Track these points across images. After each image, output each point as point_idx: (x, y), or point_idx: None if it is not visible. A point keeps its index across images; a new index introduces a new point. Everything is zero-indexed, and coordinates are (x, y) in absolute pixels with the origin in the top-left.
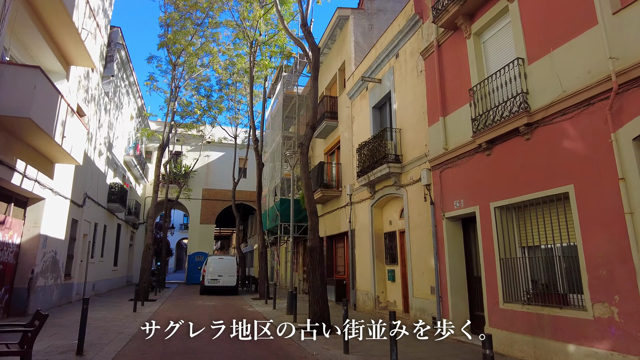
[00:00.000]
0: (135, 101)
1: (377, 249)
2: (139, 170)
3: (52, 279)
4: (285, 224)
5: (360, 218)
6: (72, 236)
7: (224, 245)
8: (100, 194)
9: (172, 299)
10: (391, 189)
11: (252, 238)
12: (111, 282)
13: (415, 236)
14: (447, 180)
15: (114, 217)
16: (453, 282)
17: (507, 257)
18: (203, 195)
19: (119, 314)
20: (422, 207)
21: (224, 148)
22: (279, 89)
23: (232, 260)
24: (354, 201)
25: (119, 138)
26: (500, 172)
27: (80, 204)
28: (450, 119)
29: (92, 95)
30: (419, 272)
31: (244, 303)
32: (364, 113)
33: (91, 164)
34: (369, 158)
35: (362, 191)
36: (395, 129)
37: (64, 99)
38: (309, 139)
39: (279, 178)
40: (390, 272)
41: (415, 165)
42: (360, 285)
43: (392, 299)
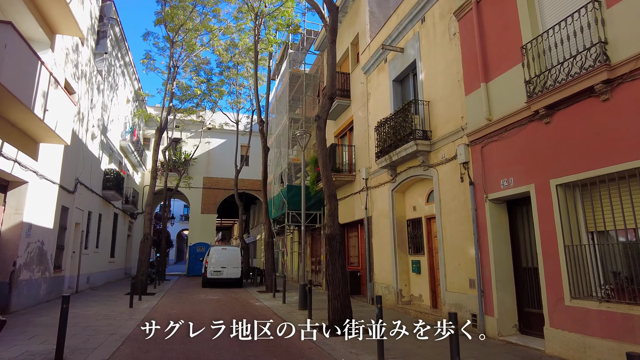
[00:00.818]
0: (131, 83)
1: (399, 237)
2: (136, 157)
3: (39, 271)
4: (293, 211)
5: (378, 204)
6: (62, 225)
7: (225, 237)
8: (94, 181)
9: (173, 292)
10: (417, 170)
11: (254, 228)
12: (108, 274)
13: (449, 222)
14: (491, 156)
15: (110, 206)
16: (499, 274)
17: (573, 245)
18: (204, 184)
19: (113, 310)
20: (457, 188)
21: (225, 135)
22: (285, 67)
23: (236, 250)
24: (371, 186)
25: (114, 121)
26: (564, 142)
27: (71, 190)
28: (495, 85)
29: (83, 71)
30: (454, 263)
31: (250, 297)
32: (382, 88)
33: (83, 147)
34: (390, 136)
35: (381, 174)
36: (422, 102)
37: (45, 67)
38: (326, 112)
39: (286, 163)
40: (415, 263)
41: (448, 141)
42: (378, 277)
43: (417, 293)
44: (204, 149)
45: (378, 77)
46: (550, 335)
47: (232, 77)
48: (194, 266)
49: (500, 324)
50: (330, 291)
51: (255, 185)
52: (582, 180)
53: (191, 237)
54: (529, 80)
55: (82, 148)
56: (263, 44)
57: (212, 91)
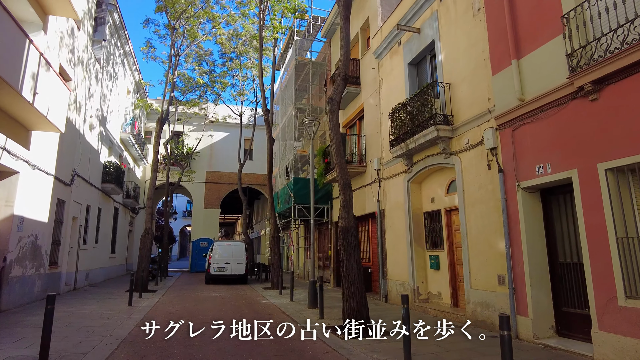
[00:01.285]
0: (132, 74)
1: (415, 231)
2: (137, 150)
3: (33, 267)
4: (300, 205)
5: (392, 196)
6: (58, 219)
7: (228, 233)
8: (93, 173)
9: (175, 289)
10: (436, 159)
11: (258, 224)
12: (108, 270)
13: (474, 214)
14: (524, 140)
15: (110, 200)
16: (533, 270)
17: (628, 237)
18: (207, 178)
19: (111, 309)
20: (484, 177)
21: (228, 128)
22: (290, 55)
23: (240, 246)
24: (384, 177)
25: (113, 112)
26: (614, 121)
27: (67, 182)
28: (528, 61)
29: (80, 58)
30: (480, 257)
31: (255, 293)
32: (396, 72)
33: (80, 137)
34: (406, 123)
35: (395, 164)
36: (442, 84)
37: (34, 46)
38: (340, 94)
39: (292, 155)
40: (433, 258)
41: (472, 126)
42: (392, 274)
43: (436, 290)
44: (206, 142)
45: (391, 61)
46: (599, 339)
47: (235, 68)
48: (197, 262)
49: (536, 325)
50: (345, 289)
51: (259, 179)
52: (638, 163)
53: (194, 233)
54: (571, 53)
55: (80, 139)
56: (268, 31)
57: (215, 82)
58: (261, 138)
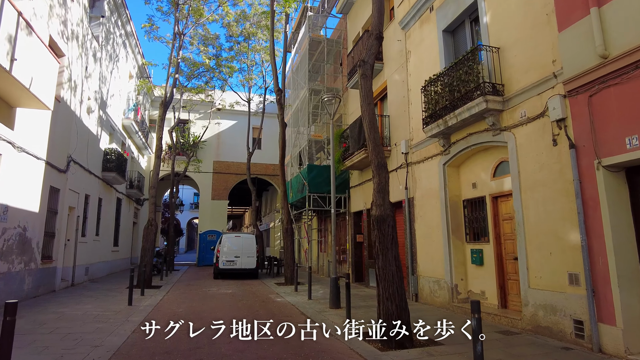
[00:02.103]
0: (134, 58)
1: (453, 222)
2: (141, 138)
3: (22, 262)
4: (315, 194)
5: (423, 182)
6: (51, 209)
7: (236, 225)
8: (93, 161)
9: (181, 284)
10: (482, 137)
11: (267, 216)
12: (110, 264)
13: (534, 199)
14: (607, 107)
15: (111, 190)
16: (621, 269)
17: None
18: (214, 169)
19: (108, 309)
20: (547, 155)
21: (236, 116)
22: (303, 33)
23: (250, 238)
24: (413, 161)
25: (114, 97)
26: None
27: (61, 169)
28: (615, 7)
29: (74, 32)
30: (542, 251)
31: (268, 290)
32: (427, 42)
33: (76, 120)
34: (445, 96)
35: (428, 146)
36: (489, 48)
37: (10, 3)
38: (374, 55)
39: (305, 141)
40: (476, 252)
41: (530, 95)
42: (424, 269)
43: (478, 289)
44: (213, 130)
45: (421, 30)
46: None
47: (243, 52)
48: (204, 255)
49: (628, 337)
50: (382, 289)
51: (268, 169)
52: None
53: (201, 225)
54: None
55: (76, 121)
56: (280, 6)
57: (222, 67)
58: (270, 126)
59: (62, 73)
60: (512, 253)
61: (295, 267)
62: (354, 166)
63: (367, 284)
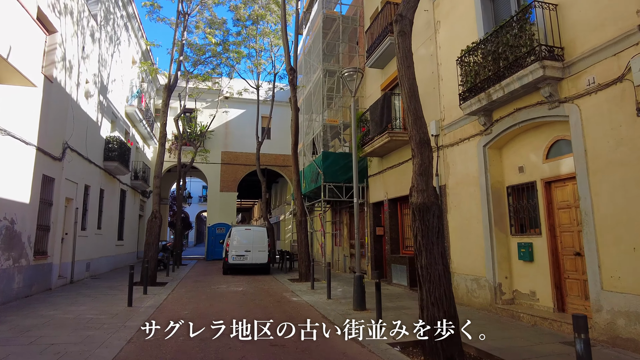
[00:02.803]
0: (137, 42)
1: (495, 211)
2: (146, 127)
3: (10, 259)
4: (331, 184)
5: (457, 167)
6: (45, 200)
7: (245, 218)
8: (93, 149)
9: (188, 281)
10: (534, 111)
11: (277, 208)
12: (115, 259)
13: (608, 183)
14: None
15: (115, 181)
16: None
17: None
18: (222, 159)
19: (105, 311)
20: (628, 127)
21: (244, 104)
22: (316, 10)
23: (261, 231)
24: (445, 144)
25: (116, 82)
26: None
27: (56, 157)
28: None
29: (68, 7)
30: (621, 246)
31: (282, 288)
32: (461, 9)
33: (73, 104)
34: (487, 66)
35: (465, 125)
36: (546, 5)
37: None
38: (413, 8)
39: (320, 126)
40: (524, 246)
41: (602, 57)
42: (459, 266)
43: (527, 289)
44: (221, 120)
45: None
46: None
47: (251, 37)
48: (213, 249)
49: None
50: (426, 292)
51: (278, 160)
52: None
53: (210, 218)
54: None
55: (72, 105)
56: None
57: (230, 52)
58: (280, 115)
59: (55, 51)
60: (572, 247)
61: (312, 263)
62: (374, 152)
63: (390, 281)
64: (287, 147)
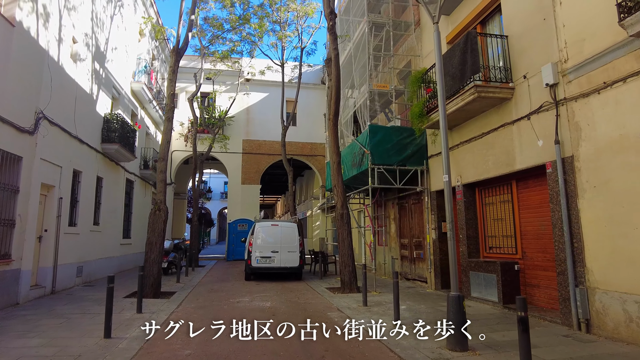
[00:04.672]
0: (145, 10)
1: None
2: (157, 110)
3: None
4: (381, 167)
5: (601, 127)
6: (4, 185)
7: (267, 215)
8: (85, 127)
9: (202, 290)
10: None
11: (302, 204)
12: (119, 261)
13: None
14: None
15: (118, 169)
16: None
17: None
18: (243, 149)
19: (65, 350)
20: None
21: (267, 87)
22: None
23: (291, 227)
24: (572, 94)
25: (118, 52)
26: None
27: (25, 128)
28: None
29: None
30: None
31: (323, 303)
32: None
33: (51, 63)
34: None
35: (617, 59)
36: None
37: None
38: None
39: (367, 93)
40: None
41: None
42: (608, 279)
43: None
44: (241, 104)
45: None
46: None
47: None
48: (235, 248)
49: None
50: None
51: (304, 149)
52: None
53: (230, 214)
54: None
55: (50, 65)
56: None
57: (250, 24)
58: (306, 99)
59: None
60: None
61: (364, 271)
62: (452, 115)
63: (468, 294)
64: (314, 134)
